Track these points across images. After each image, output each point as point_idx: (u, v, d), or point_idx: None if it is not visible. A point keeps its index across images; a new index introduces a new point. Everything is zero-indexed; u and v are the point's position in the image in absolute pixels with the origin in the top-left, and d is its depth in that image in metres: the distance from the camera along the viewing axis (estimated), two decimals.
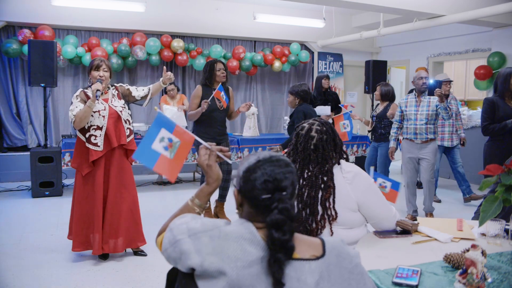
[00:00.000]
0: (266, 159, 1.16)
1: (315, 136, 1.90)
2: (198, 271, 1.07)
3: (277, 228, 1.05)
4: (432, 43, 7.76)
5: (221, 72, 4.30)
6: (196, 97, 4.29)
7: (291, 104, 4.41)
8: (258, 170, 1.13)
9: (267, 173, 1.12)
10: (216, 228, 1.12)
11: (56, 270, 3.30)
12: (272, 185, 1.10)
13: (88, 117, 3.25)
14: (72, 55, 6.51)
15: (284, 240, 1.04)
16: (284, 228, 1.05)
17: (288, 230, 1.05)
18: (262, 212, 1.10)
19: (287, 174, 1.13)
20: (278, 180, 1.11)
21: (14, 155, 6.52)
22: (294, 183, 1.15)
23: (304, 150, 1.90)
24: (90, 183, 3.35)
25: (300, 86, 4.39)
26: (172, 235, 1.14)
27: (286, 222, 1.05)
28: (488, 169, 1.76)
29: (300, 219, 1.85)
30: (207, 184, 1.39)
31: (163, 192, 6.11)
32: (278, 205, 1.07)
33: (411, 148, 4.54)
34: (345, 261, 1.10)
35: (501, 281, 1.50)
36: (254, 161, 1.16)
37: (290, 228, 1.06)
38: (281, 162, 1.16)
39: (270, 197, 1.10)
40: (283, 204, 1.08)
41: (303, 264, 1.07)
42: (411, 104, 4.51)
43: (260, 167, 1.14)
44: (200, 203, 1.37)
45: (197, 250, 1.08)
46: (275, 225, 1.05)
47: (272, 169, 1.13)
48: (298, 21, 7.35)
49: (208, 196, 1.38)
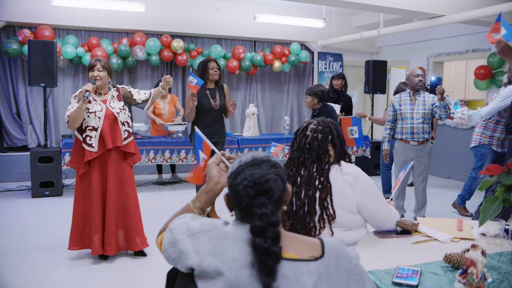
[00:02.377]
0: (247, 162, 1.13)
1: (309, 134, 1.91)
2: (197, 271, 1.07)
3: (258, 235, 1.03)
4: (432, 43, 7.76)
5: (213, 71, 4.30)
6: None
7: (310, 104, 4.55)
8: (238, 175, 1.11)
9: (247, 178, 1.10)
10: (214, 228, 1.11)
11: (56, 270, 3.30)
12: (252, 190, 1.08)
13: (80, 118, 3.24)
14: (72, 55, 6.51)
15: (265, 248, 1.01)
16: (266, 234, 1.02)
17: (270, 236, 1.02)
18: (248, 217, 1.09)
19: (270, 176, 1.10)
20: (258, 184, 1.08)
21: (14, 155, 6.52)
22: (279, 185, 1.11)
23: (298, 148, 1.93)
24: (86, 184, 3.35)
25: (317, 86, 4.57)
26: (171, 235, 1.14)
27: (266, 228, 1.03)
28: (488, 169, 1.76)
29: (298, 217, 1.86)
30: (206, 182, 1.39)
31: (163, 192, 6.11)
32: (257, 211, 1.05)
33: (406, 149, 4.35)
34: (345, 262, 1.10)
35: (501, 281, 1.50)
36: (236, 165, 1.15)
37: (273, 234, 1.03)
38: (264, 164, 1.12)
39: (251, 203, 1.08)
40: (263, 209, 1.05)
41: (301, 265, 1.06)
42: (406, 102, 4.35)
43: (241, 172, 1.11)
44: (200, 205, 1.37)
45: (195, 250, 1.08)
46: (256, 232, 1.03)
47: (252, 173, 1.10)
48: (298, 21, 7.35)
49: (205, 196, 1.36)
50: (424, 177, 4.41)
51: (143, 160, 5.69)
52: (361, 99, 9.24)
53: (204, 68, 4.33)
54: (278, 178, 1.11)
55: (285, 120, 6.76)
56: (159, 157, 5.83)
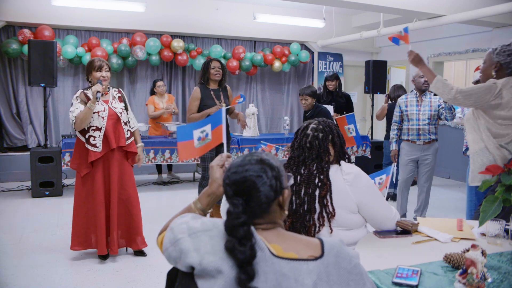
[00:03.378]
0: (236, 162, 1.18)
1: (310, 133, 1.93)
2: (197, 270, 1.07)
3: (228, 233, 1.07)
4: (432, 43, 7.76)
5: (215, 70, 4.22)
6: (196, 99, 4.21)
7: (310, 105, 4.53)
8: (226, 178, 1.16)
9: (229, 177, 1.15)
10: (215, 227, 1.12)
11: (56, 270, 3.30)
12: (231, 189, 1.13)
13: (89, 119, 3.25)
14: (72, 55, 6.51)
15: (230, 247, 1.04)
16: (233, 233, 1.05)
17: (238, 236, 1.05)
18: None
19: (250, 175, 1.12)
20: (237, 184, 1.12)
21: (14, 155, 6.52)
22: (265, 187, 1.12)
23: (299, 147, 1.94)
24: (89, 184, 3.35)
25: (311, 87, 4.59)
26: (172, 235, 1.14)
27: (233, 227, 1.06)
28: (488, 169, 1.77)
29: (297, 215, 1.86)
30: (208, 184, 1.39)
31: (163, 192, 6.11)
32: (229, 209, 1.10)
33: (413, 149, 4.36)
34: (344, 262, 1.10)
35: (501, 281, 1.50)
36: (228, 167, 1.20)
37: (241, 234, 1.05)
38: (249, 164, 1.14)
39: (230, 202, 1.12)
40: (234, 209, 1.09)
41: (301, 265, 1.06)
42: (412, 103, 4.35)
43: (227, 173, 1.17)
44: (202, 206, 1.37)
45: (196, 249, 1.08)
46: (226, 231, 1.08)
47: (235, 172, 1.14)
48: (298, 21, 7.34)
49: (208, 198, 1.37)
50: (428, 177, 4.40)
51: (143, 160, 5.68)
52: (361, 99, 9.23)
53: (205, 67, 4.28)
54: (262, 179, 1.12)
55: (285, 120, 6.76)
56: (159, 157, 5.83)
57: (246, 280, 1.01)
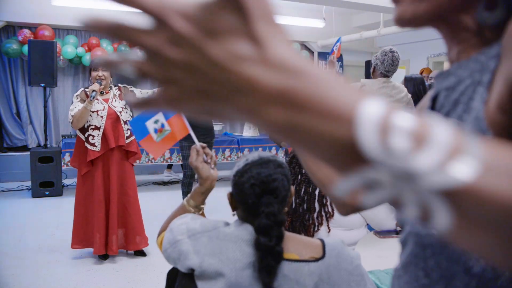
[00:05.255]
0: (254, 161, 1.13)
1: None
2: (197, 272, 1.07)
3: (263, 233, 1.04)
4: (432, 43, 7.75)
5: None
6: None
7: None
8: (245, 173, 1.11)
9: (253, 177, 1.09)
10: (215, 229, 1.11)
11: (56, 270, 3.30)
12: (259, 188, 1.08)
13: (86, 118, 3.25)
14: (72, 55, 6.50)
15: (269, 246, 1.02)
16: (271, 233, 1.03)
17: (275, 235, 1.03)
18: (253, 216, 1.09)
19: (276, 175, 1.10)
20: (265, 183, 1.08)
21: (14, 155, 6.51)
22: (285, 184, 1.12)
23: None
24: (89, 183, 3.36)
25: None
26: (172, 236, 1.14)
27: (272, 227, 1.03)
28: None
29: (297, 215, 1.87)
30: (199, 184, 1.38)
31: (163, 192, 6.11)
32: (264, 209, 1.05)
33: None
34: (346, 263, 1.09)
35: None
36: (242, 164, 1.15)
37: (278, 233, 1.04)
38: (271, 163, 1.12)
39: (257, 201, 1.08)
40: (270, 208, 1.05)
41: (302, 266, 1.06)
42: None
43: (247, 170, 1.11)
44: (195, 203, 1.37)
45: (196, 251, 1.08)
46: (261, 230, 1.04)
47: (259, 172, 1.10)
48: (298, 21, 7.34)
49: (202, 196, 1.36)
50: None
51: (143, 160, 5.68)
52: None
53: None
54: (284, 178, 1.11)
55: None
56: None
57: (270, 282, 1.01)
